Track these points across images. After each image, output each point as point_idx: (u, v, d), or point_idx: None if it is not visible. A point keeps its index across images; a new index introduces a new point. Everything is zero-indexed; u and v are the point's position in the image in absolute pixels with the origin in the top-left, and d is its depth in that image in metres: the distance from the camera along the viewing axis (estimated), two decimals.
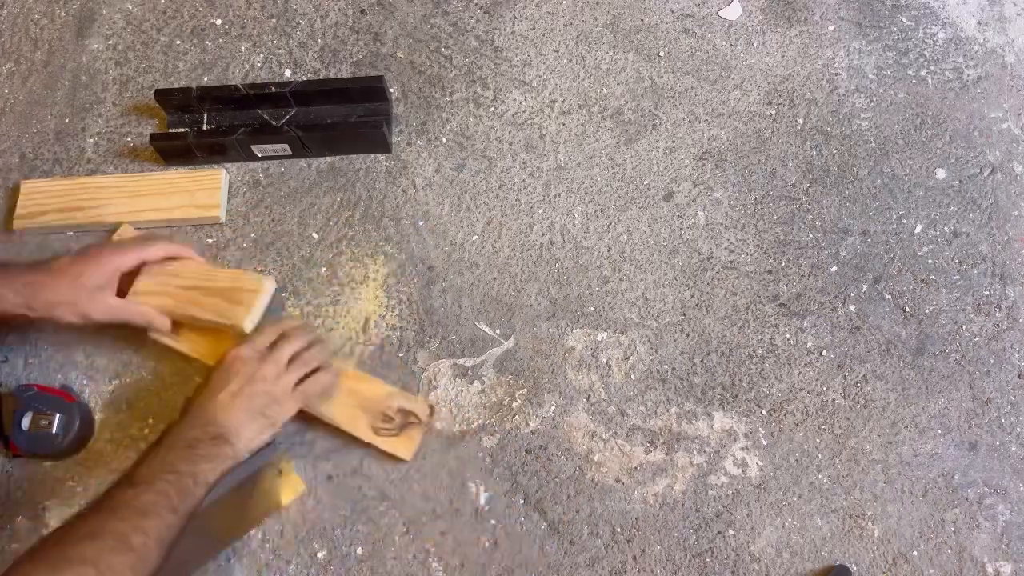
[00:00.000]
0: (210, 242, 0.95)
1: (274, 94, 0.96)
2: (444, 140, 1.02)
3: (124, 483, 0.67)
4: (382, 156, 1.00)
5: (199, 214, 0.95)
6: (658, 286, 0.95)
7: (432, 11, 1.09)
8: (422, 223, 0.97)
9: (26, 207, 0.95)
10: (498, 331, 0.92)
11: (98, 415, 0.87)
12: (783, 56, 1.08)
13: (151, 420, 0.86)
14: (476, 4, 1.10)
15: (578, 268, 0.95)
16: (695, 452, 0.87)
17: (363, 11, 1.09)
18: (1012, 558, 0.84)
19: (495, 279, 0.94)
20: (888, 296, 0.95)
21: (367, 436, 0.84)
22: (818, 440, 0.88)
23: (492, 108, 1.04)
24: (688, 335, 0.92)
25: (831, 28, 1.10)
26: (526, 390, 0.89)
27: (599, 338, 0.92)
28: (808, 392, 0.90)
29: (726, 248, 0.97)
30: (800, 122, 1.04)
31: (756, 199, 0.99)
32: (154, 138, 0.96)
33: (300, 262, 0.94)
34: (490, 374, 0.90)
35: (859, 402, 0.90)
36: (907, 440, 0.89)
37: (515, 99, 1.04)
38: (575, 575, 0.82)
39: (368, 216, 0.97)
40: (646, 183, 1.00)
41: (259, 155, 0.98)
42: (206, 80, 1.04)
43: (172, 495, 0.67)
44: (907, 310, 0.94)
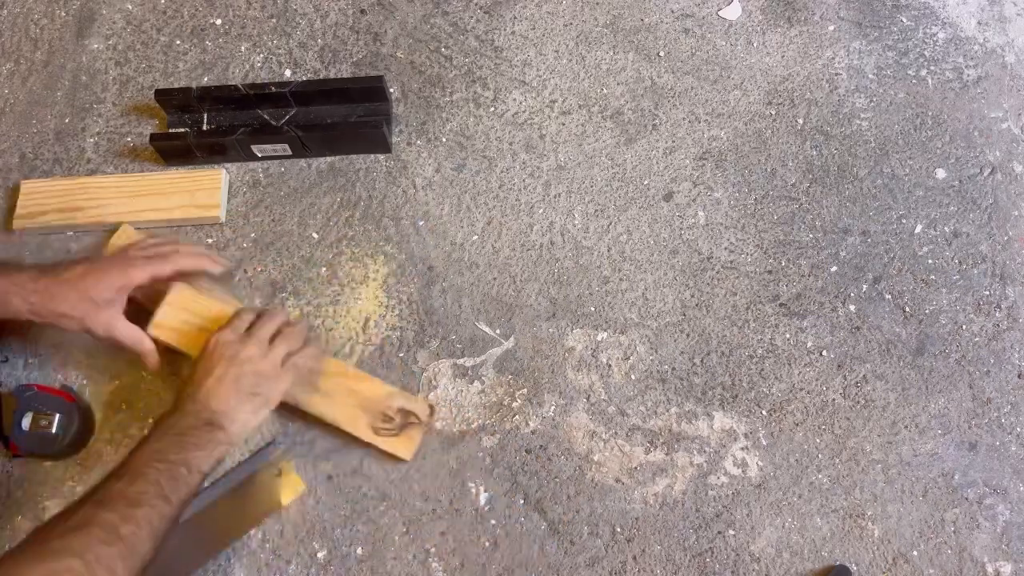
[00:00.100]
0: (210, 242, 0.95)
1: (274, 94, 0.96)
2: (444, 140, 1.02)
3: (114, 475, 0.66)
4: (382, 156, 1.00)
5: (199, 214, 0.95)
6: (658, 286, 0.95)
7: (432, 11, 1.09)
8: (422, 223, 0.97)
9: (26, 207, 0.95)
10: (498, 331, 0.92)
11: (98, 415, 0.87)
12: (783, 56, 1.08)
13: (151, 420, 0.86)
14: (476, 4, 1.10)
15: (578, 268, 0.95)
16: (695, 452, 0.87)
17: (363, 11, 1.09)
18: (1012, 558, 0.84)
19: (495, 279, 0.94)
20: (888, 296, 0.95)
21: (367, 436, 0.84)
22: (818, 440, 0.88)
23: (492, 108, 1.04)
24: (688, 335, 0.92)
25: (831, 28, 1.10)
26: (526, 390, 0.89)
27: (599, 338, 0.92)
28: (808, 392, 0.90)
29: (726, 248, 0.97)
30: (800, 122, 1.04)
31: (756, 199, 0.99)
32: (154, 138, 0.96)
33: (300, 262, 0.94)
34: (490, 374, 0.90)
35: (859, 402, 0.90)
36: (907, 440, 0.89)
37: (515, 99, 1.04)
38: (575, 575, 0.82)
39: (368, 216, 0.97)
40: (646, 183, 1.00)
41: (259, 155, 0.98)
42: (206, 80, 1.04)
43: (163, 484, 0.65)
44: (907, 310, 0.94)
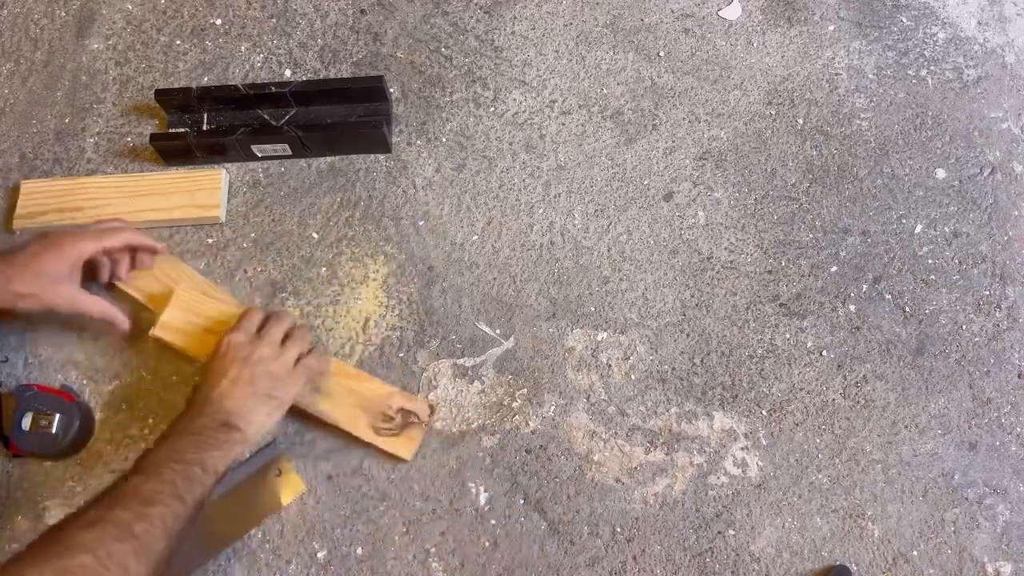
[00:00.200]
0: (210, 242, 0.95)
1: (274, 94, 0.96)
2: (444, 140, 1.02)
3: (129, 474, 0.66)
4: (382, 156, 1.00)
5: (199, 214, 0.95)
6: (658, 286, 0.95)
7: (432, 11, 1.09)
8: (422, 223, 0.97)
9: (26, 207, 0.95)
10: (498, 331, 0.92)
11: (98, 415, 0.87)
12: (783, 56, 1.08)
13: (151, 420, 0.86)
14: (476, 4, 1.10)
15: (578, 268, 0.95)
16: (695, 452, 0.87)
17: (363, 11, 1.09)
18: (1012, 558, 0.84)
19: (495, 279, 0.94)
20: (888, 296, 0.95)
21: (367, 436, 0.84)
22: (818, 440, 0.88)
23: (492, 108, 1.04)
24: (688, 335, 0.92)
25: (831, 28, 1.10)
26: (526, 390, 0.89)
27: (599, 338, 0.92)
28: (808, 392, 0.90)
29: (726, 248, 0.97)
30: (800, 122, 1.04)
31: (756, 199, 0.99)
32: (154, 138, 0.96)
33: (300, 262, 0.94)
34: (490, 374, 0.90)
35: (859, 402, 0.90)
36: (907, 440, 0.89)
37: (515, 99, 1.04)
38: (575, 575, 0.82)
39: (368, 216, 0.97)
40: (646, 183, 1.00)
41: (259, 155, 0.98)
42: (206, 80, 1.04)
43: (178, 483, 0.65)
44: (907, 310, 0.94)
